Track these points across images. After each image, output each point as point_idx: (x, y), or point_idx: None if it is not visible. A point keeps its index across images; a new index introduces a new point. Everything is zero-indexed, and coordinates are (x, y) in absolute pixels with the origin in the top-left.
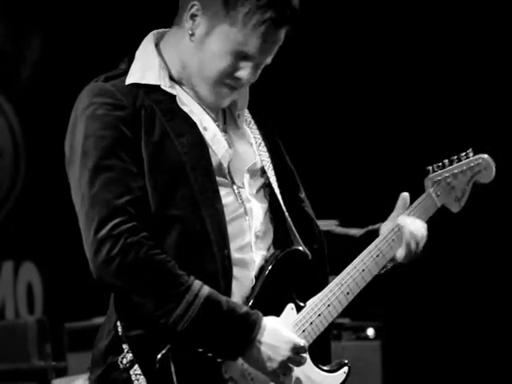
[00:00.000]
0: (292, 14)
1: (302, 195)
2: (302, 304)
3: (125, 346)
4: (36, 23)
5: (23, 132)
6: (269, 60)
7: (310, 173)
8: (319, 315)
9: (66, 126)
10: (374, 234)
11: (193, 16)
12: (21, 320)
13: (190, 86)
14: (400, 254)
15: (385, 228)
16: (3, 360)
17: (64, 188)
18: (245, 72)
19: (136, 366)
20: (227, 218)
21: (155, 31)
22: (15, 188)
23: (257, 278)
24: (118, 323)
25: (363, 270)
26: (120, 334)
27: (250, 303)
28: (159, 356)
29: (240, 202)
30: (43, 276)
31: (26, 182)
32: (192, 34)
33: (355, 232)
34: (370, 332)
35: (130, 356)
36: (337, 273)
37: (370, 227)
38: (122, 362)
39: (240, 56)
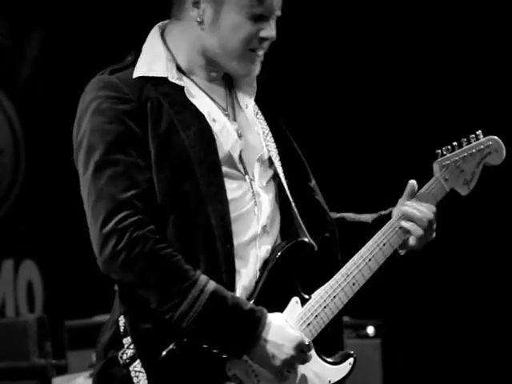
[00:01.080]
0: None
1: (312, 183)
2: (306, 297)
3: (125, 341)
4: (36, 20)
5: (23, 129)
6: (279, 12)
7: (312, 164)
8: (325, 307)
9: (66, 122)
10: (386, 220)
11: (195, 3)
12: (21, 318)
13: (203, 76)
14: (411, 241)
15: (395, 213)
16: (3, 358)
17: (64, 185)
18: (267, 31)
19: (136, 363)
20: (237, 211)
21: (160, 23)
22: (15, 185)
23: (261, 271)
24: (120, 318)
25: (369, 260)
26: (121, 329)
27: (254, 297)
28: (164, 353)
29: (252, 194)
30: (43, 274)
31: (26, 179)
32: (201, 22)
33: (367, 218)
34: (370, 330)
35: (130, 352)
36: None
37: (383, 212)
38: (121, 358)
39: (256, 18)
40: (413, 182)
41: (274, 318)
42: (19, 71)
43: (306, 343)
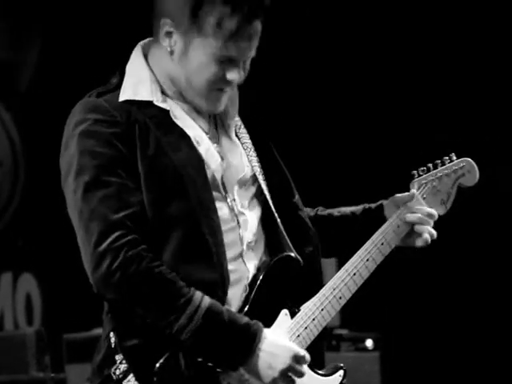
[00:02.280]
0: (259, 6)
1: (295, 199)
2: (295, 309)
3: (117, 358)
4: (34, 32)
5: (22, 141)
6: (253, 54)
7: (297, 170)
8: (313, 320)
9: None
10: (375, 214)
11: (168, 33)
12: (19, 331)
13: (183, 100)
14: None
15: (387, 213)
16: (2, 371)
17: (63, 199)
18: (234, 73)
19: (129, 377)
20: (223, 230)
21: (142, 42)
22: (14, 198)
23: (250, 286)
24: (111, 335)
25: (354, 274)
26: (113, 345)
27: (245, 311)
28: (158, 365)
29: (233, 214)
30: (42, 287)
31: (24, 191)
32: (171, 52)
33: (355, 209)
34: (369, 343)
35: (122, 367)
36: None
37: (373, 205)
38: (114, 374)
39: (223, 60)
40: (414, 192)
41: (269, 332)
42: (17, 83)
43: (301, 354)
